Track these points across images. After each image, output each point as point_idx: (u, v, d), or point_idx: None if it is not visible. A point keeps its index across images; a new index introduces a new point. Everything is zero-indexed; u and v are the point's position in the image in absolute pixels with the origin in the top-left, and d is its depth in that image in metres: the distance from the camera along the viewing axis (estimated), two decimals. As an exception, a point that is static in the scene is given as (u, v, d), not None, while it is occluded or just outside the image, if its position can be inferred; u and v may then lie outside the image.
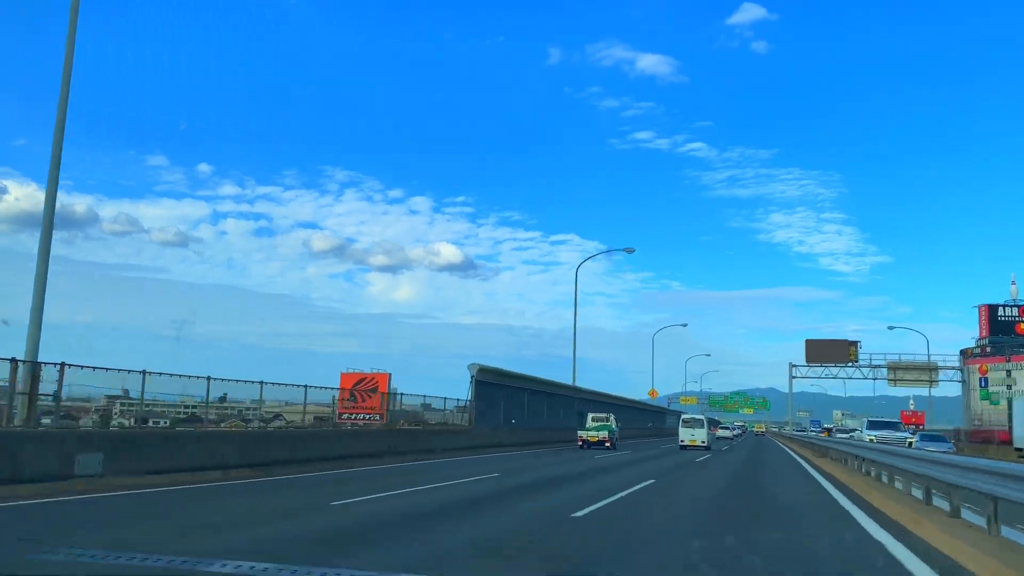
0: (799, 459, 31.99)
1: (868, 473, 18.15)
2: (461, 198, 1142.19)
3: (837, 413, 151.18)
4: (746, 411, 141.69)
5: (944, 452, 27.18)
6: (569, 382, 52.38)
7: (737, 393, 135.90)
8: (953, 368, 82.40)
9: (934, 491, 11.09)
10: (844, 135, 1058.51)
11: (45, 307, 14.39)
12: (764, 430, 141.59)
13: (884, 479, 15.87)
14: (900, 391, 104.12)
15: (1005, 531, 7.86)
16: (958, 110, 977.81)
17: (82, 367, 14.20)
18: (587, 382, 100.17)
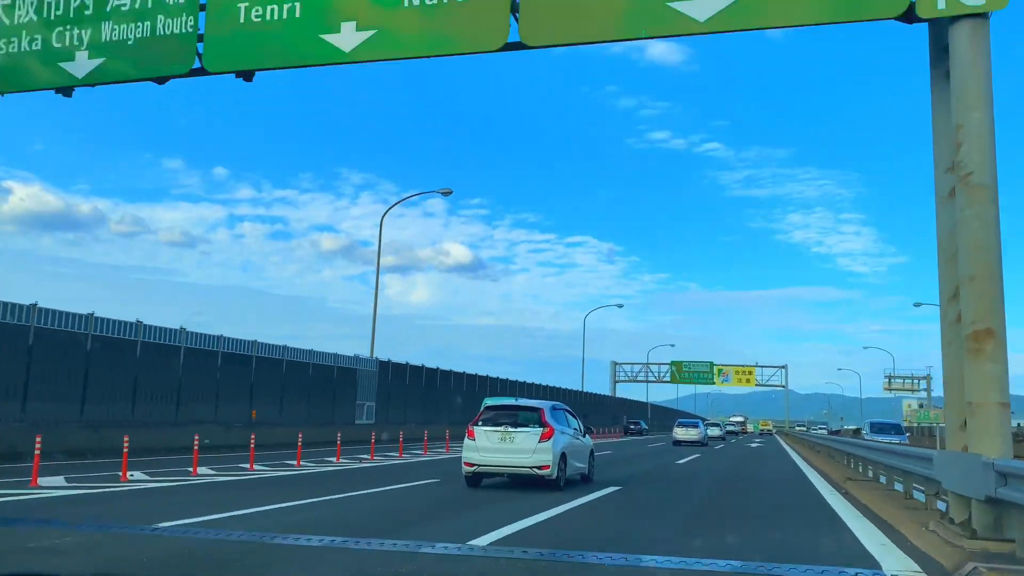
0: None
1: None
2: (476, 200, 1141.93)
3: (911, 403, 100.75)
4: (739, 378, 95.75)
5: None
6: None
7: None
8: None
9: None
10: (862, 133, 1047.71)
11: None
12: (771, 428, 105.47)
13: None
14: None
15: None
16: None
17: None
18: (592, 384, 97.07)
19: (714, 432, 60.94)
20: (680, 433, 44.38)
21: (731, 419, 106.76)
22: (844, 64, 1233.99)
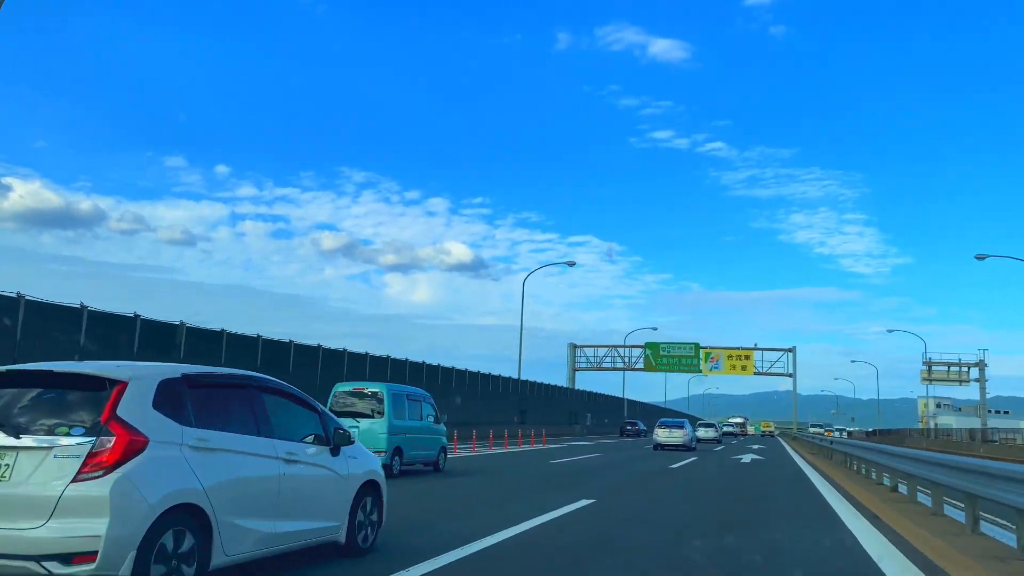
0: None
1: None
2: (479, 199, 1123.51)
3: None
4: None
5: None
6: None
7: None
8: None
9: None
10: (867, 133, 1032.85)
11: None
12: (774, 430, 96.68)
13: None
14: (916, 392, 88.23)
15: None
16: (983, 109, 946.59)
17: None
18: (594, 384, 79.52)
19: (707, 434, 52.28)
20: (662, 435, 38.19)
21: (730, 420, 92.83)
22: (847, 64, 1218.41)
